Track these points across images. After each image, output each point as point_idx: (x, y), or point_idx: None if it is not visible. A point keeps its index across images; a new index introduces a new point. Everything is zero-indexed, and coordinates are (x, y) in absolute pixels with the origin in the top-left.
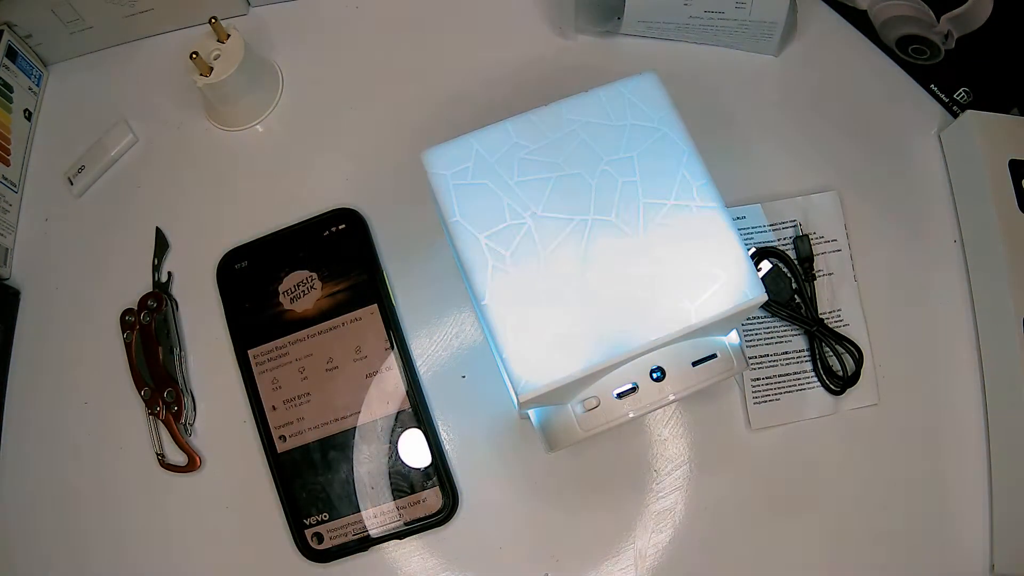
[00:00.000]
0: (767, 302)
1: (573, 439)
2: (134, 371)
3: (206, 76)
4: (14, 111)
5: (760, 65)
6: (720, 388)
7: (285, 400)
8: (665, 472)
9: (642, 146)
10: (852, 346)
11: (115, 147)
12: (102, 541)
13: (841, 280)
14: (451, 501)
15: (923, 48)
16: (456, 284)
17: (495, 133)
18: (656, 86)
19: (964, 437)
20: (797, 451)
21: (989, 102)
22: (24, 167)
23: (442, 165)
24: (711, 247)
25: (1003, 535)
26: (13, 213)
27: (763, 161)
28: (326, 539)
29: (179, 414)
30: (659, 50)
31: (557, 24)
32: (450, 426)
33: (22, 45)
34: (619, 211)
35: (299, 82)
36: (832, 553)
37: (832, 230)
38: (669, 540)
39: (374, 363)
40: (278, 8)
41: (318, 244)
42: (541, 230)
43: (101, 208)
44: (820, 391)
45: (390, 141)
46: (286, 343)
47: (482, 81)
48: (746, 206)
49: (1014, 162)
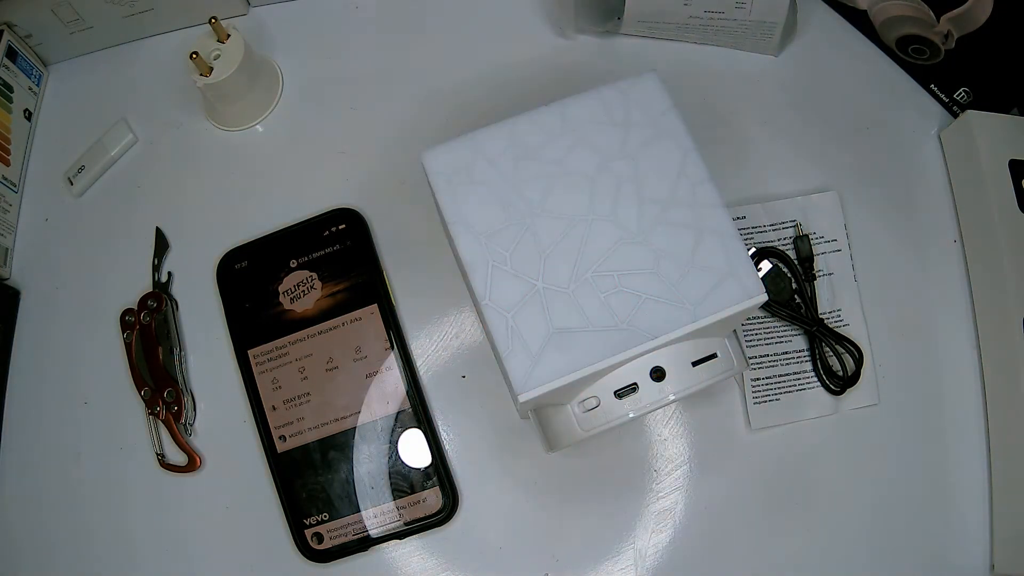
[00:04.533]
0: (767, 302)
1: (573, 439)
2: (134, 371)
3: (206, 76)
4: (14, 111)
5: (760, 65)
6: (720, 388)
7: (285, 400)
8: (665, 472)
9: (642, 146)
10: (852, 346)
11: (115, 147)
12: (102, 541)
13: (841, 280)
14: (451, 501)
15: (923, 48)
16: (456, 284)
17: (495, 133)
18: (656, 86)
19: (964, 437)
20: (797, 451)
21: (989, 102)
22: (24, 167)
23: (442, 165)
24: (711, 247)
25: (1003, 535)
26: (13, 213)
27: (763, 161)
28: (326, 539)
29: (179, 414)
30: (659, 50)
31: (557, 24)
32: (450, 426)
33: (22, 45)
34: (619, 211)
35: (299, 82)
36: (832, 553)
37: (832, 230)
38: (669, 540)
39: (374, 363)
40: (278, 8)
41: (318, 244)
42: (541, 230)
43: (101, 208)
44: (820, 391)
45: (390, 141)
46: (286, 343)
47: (482, 81)
48: (746, 206)
49: (1014, 162)
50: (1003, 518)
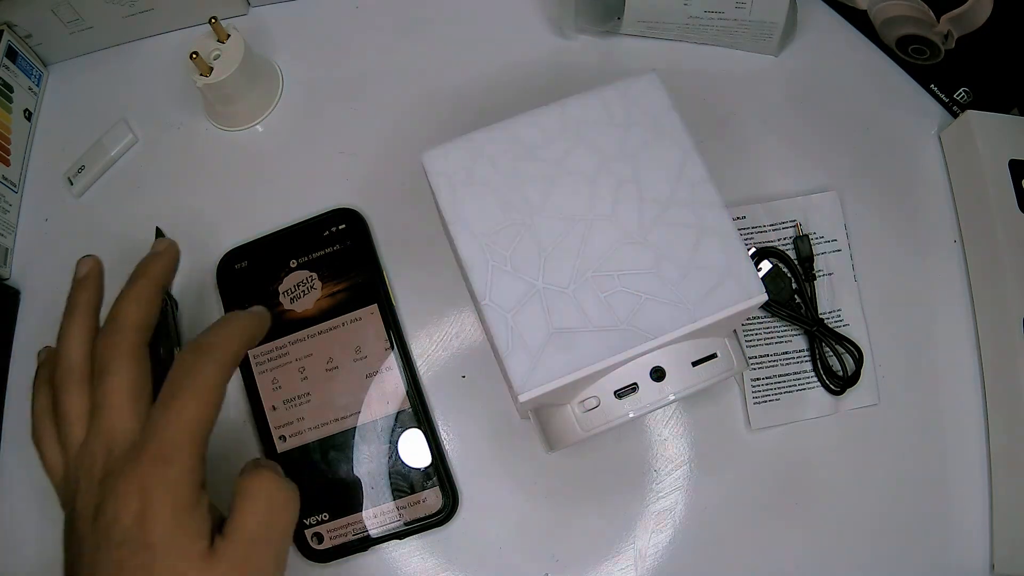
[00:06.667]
0: (767, 302)
1: (573, 439)
2: None
3: (206, 76)
4: (14, 111)
5: (760, 65)
6: (720, 388)
7: (285, 400)
8: (665, 472)
9: (642, 146)
10: (852, 346)
11: (115, 147)
12: None
13: (841, 280)
14: (451, 501)
15: (923, 48)
16: (456, 284)
17: (495, 133)
18: (656, 86)
19: (964, 437)
20: (797, 451)
21: (989, 102)
22: (24, 167)
23: (442, 165)
24: (711, 247)
25: (1003, 535)
26: (13, 213)
27: (763, 161)
28: (326, 539)
29: None
30: (659, 50)
31: (557, 24)
32: (450, 426)
33: (22, 45)
34: (619, 211)
35: (299, 82)
36: (832, 553)
37: (832, 230)
38: (669, 540)
39: (374, 363)
40: (278, 8)
41: (318, 244)
42: (541, 230)
43: (101, 208)
44: (820, 391)
45: (390, 141)
46: (286, 343)
47: (482, 81)
48: (746, 206)
49: (1014, 162)
50: (1003, 518)
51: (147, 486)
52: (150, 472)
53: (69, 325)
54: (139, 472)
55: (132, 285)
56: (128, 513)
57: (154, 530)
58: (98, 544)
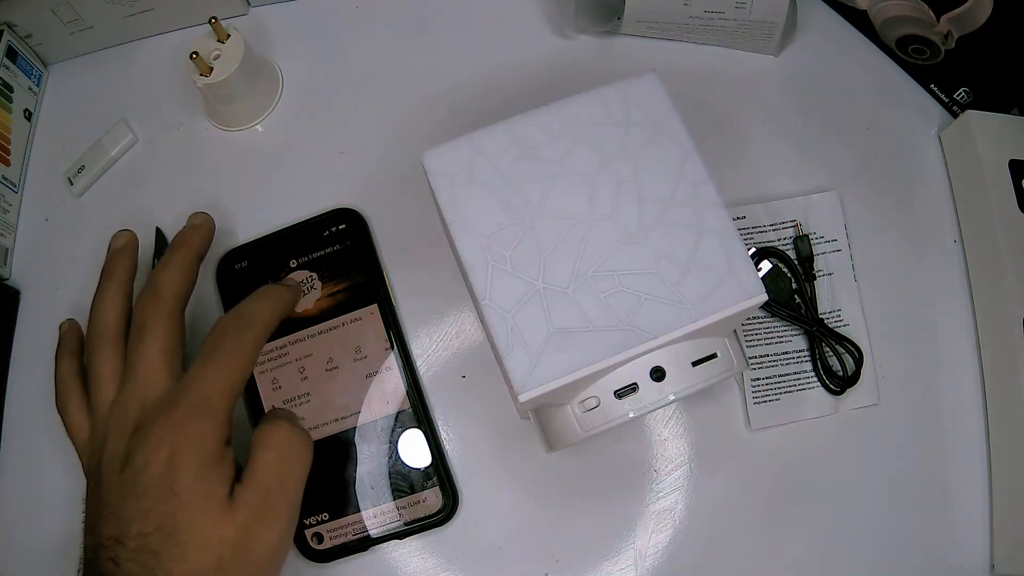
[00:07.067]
0: (767, 302)
1: (573, 439)
2: None
3: (206, 76)
4: (14, 111)
5: (760, 65)
6: (720, 388)
7: (285, 400)
8: (665, 472)
9: (642, 146)
10: (852, 346)
11: (115, 147)
12: None
13: (841, 280)
14: (451, 501)
15: (923, 48)
16: (456, 284)
17: (495, 133)
18: (656, 86)
19: (964, 437)
20: (797, 451)
21: (989, 102)
22: (24, 167)
23: (442, 165)
24: (711, 247)
25: (1003, 535)
26: (13, 213)
27: (763, 161)
28: (326, 539)
29: None
30: (659, 50)
31: (557, 24)
32: (450, 426)
33: (22, 45)
34: (619, 211)
35: (299, 82)
36: (832, 553)
37: (832, 230)
38: (669, 540)
39: (374, 363)
40: (278, 8)
41: (318, 244)
42: (541, 230)
43: (101, 208)
44: (820, 391)
45: (390, 141)
46: (286, 343)
47: (482, 81)
48: (746, 206)
49: (1014, 162)
50: (1003, 518)
51: (179, 436)
52: (184, 423)
53: (104, 291)
54: (172, 422)
55: (172, 255)
56: (158, 461)
57: (181, 478)
58: (124, 493)
